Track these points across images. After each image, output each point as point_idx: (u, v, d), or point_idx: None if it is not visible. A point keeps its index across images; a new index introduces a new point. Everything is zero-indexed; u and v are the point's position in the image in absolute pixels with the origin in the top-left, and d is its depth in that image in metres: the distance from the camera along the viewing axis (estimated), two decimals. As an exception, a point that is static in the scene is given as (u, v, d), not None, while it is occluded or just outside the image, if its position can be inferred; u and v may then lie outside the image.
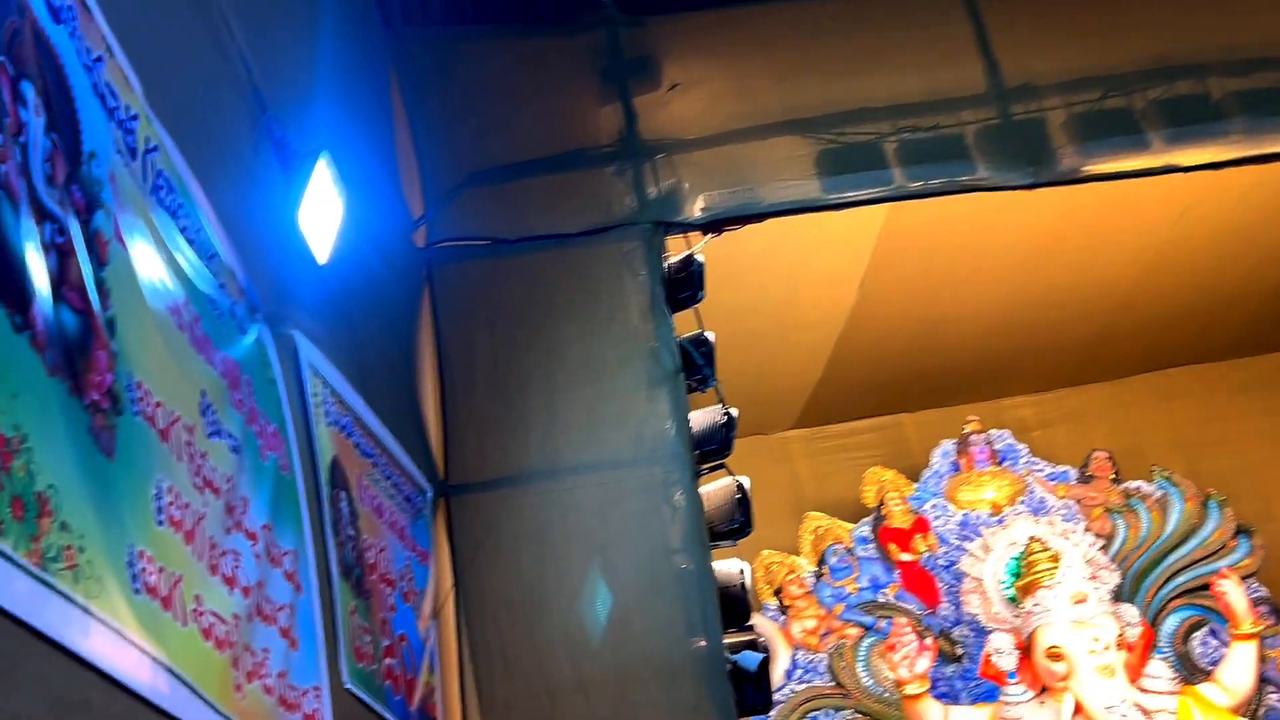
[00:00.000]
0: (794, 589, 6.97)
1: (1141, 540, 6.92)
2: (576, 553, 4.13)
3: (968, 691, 6.64)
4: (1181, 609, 6.78)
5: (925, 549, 6.99)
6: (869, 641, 6.84)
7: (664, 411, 4.20)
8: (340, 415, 3.37)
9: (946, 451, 7.23)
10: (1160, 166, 4.32)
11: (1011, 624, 6.24)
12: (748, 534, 4.22)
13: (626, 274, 4.32)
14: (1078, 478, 7.11)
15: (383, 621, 3.29)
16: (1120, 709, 5.68)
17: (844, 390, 7.44)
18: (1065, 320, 7.13)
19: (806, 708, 6.76)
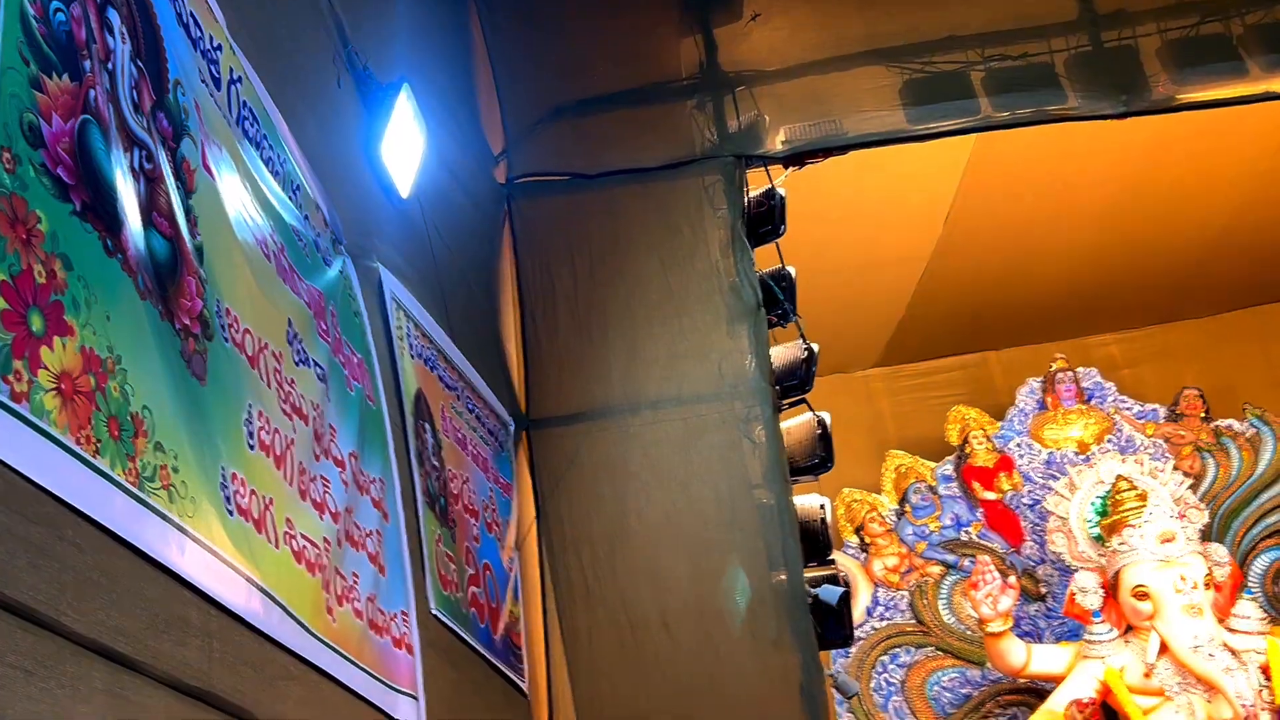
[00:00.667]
0: (875, 527, 6.94)
1: (1232, 479, 6.76)
2: (657, 487, 4.14)
3: (1051, 630, 6.58)
4: (1272, 549, 6.63)
5: (1009, 487, 6.90)
6: (951, 579, 6.80)
7: (744, 347, 4.17)
8: (424, 348, 3.39)
9: (1032, 389, 7.11)
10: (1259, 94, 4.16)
11: (1097, 563, 6.16)
12: (828, 469, 4.19)
13: (707, 208, 4.28)
14: (1167, 416, 6.96)
15: (467, 551, 3.33)
16: (1207, 648, 5.59)
17: (927, 328, 7.34)
18: (1156, 256, 6.94)
19: (887, 644, 6.75)
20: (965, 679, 6.61)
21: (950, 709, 6.58)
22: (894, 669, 6.69)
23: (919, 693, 6.62)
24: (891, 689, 6.66)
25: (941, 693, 6.61)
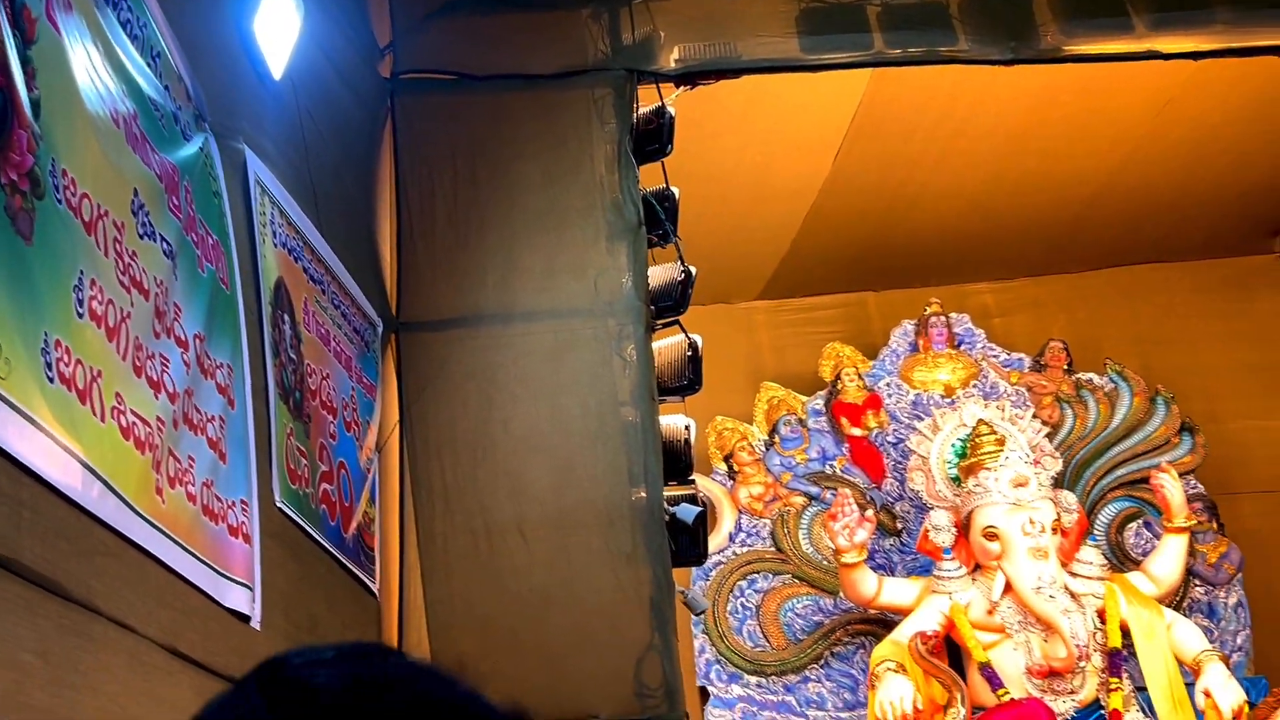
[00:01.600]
0: (744, 455, 6.99)
1: (1088, 430, 6.95)
2: (525, 397, 4.08)
3: (903, 565, 6.73)
4: (1119, 500, 6.85)
5: (876, 425, 7.00)
6: (812, 510, 6.89)
7: (623, 264, 4.12)
8: (288, 237, 3.27)
9: (906, 331, 7.21)
10: (1142, 51, 4.20)
11: (952, 502, 6.29)
12: (696, 391, 4.18)
13: (595, 121, 4.19)
14: (1031, 366, 7.12)
15: (321, 447, 3.24)
16: (1049, 590, 5.76)
17: (810, 264, 7.37)
18: (1035, 209, 7.04)
19: (746, 570, 6.84)
20: (818, 607, 6.74)
21: (802, 635, 6.71)
22: (751, 594, 6.79)
23: (773, 618, 6.73)
24: (747, 613, 6.76)
25: (795, 619, 6.72)
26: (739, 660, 6.67)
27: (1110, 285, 7.47)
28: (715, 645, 6.70)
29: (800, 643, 6.69)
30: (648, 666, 3.81)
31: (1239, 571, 6.66)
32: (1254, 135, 6.34)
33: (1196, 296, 7.39)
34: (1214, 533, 6.70)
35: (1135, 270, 7.49)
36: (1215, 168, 6.68)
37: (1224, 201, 7.01)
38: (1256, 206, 7.15)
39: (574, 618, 3.85)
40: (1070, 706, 5.80)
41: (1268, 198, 7.05)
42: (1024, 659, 5.89)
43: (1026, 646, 5.90)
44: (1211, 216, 7.18)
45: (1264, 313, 7.36)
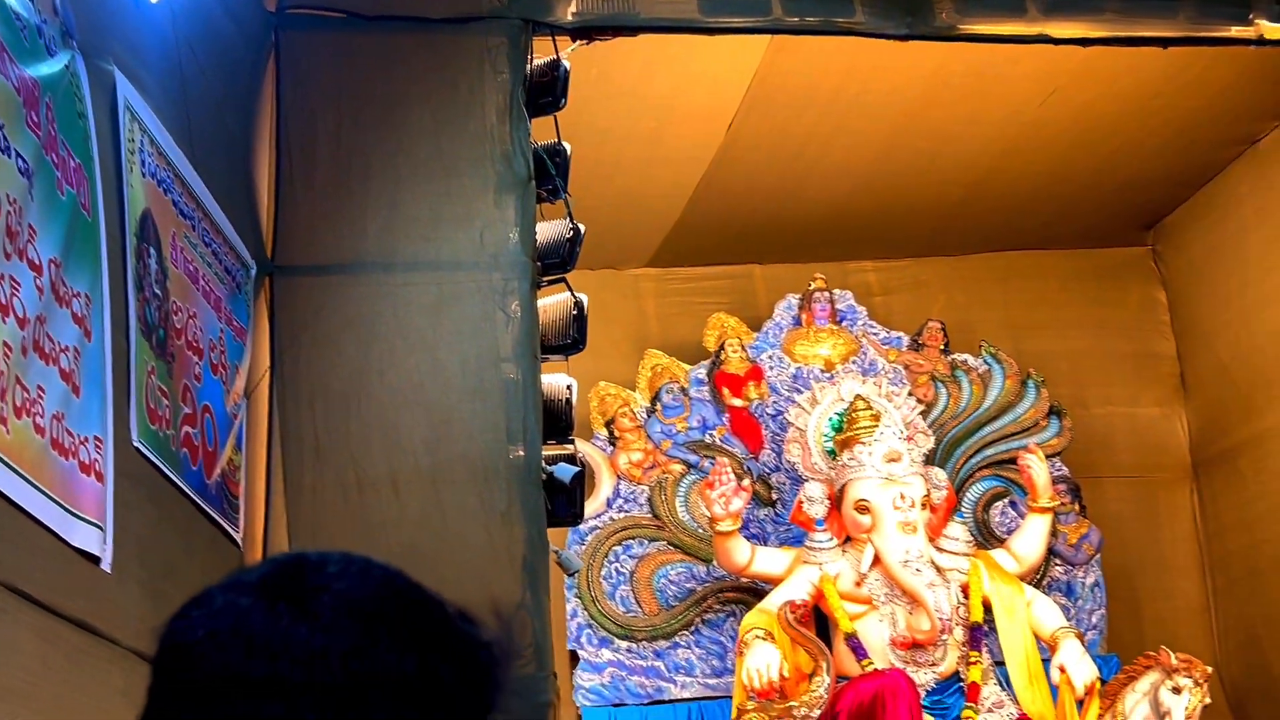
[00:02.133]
0: (625, 421, 6.96)
1: (960, 410, 7.08)
2: (403, 349, 3.97)
3: (776, 535, 6.78)
4: (987, 479, 7.00)
5: (756, 396, 7.03)
6: (690, 479, 6.90)
7: (510, 218, 4.02)
8: (158, 168, 3.11)
9: (790, 305, 7.24)
10: (1034, 34, 4.24)
11: (826, 475, 6.36)
12: (579, 350, 4.12)
13: (488, 70, 4.07)
14: (909, 345, 7.21)
15: (185, 388, 3.10)
16: (916, 564, 5.86)
17: (699, 234, 7.34)
18: (921, 190, 7.12)
19: (622, 536, 6.82)
20: (691, 574, 6.75)
21: (674, 601, 6.72)
22: (625, 559, 6.77)
23: (646, 584, 6.73)
24: (621, 578, 6.74)
25: (668, 585, 6.73)
26: (610, 625, 6.66)
27: (988, 269, 7.60)
28: (587, 609, 6.67)
29: (672, 609, 6.70)
30: (518, 625, 3.75)
31: (1098, 552, 6.87)
32: (1134, 128, 6.49)
33: (1070, 284, 7.57)
34: (1076, 514, 6.89)
35: (1012, 256, 7.63)
36: (1095, 159, 6.83)
37: (1101, 193, 7.17)
38: (1132, 199, 7.34)
39: (445, 574, 3.74)
40: (931, 678, 5.92)
41: (1143, 191, 7.24)
42: (889, 630, 5.98)
43: (892, 618, 6.00)
44: (1088, 207, 7.34)
45: (1134, 303, 7.57)
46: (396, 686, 0.85)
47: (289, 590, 0.87)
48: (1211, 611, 7.11)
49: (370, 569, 0.91)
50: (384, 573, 0.92)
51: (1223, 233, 6.97)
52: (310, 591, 0.87)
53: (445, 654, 0.89)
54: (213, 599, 0.89)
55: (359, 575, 0.90)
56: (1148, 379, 7.47)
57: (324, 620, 0.85)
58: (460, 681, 0.89)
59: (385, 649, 0.86)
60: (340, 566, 0.90)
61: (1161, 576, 7.25)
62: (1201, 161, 6.92)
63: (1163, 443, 7.42)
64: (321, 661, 0.84)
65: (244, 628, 0.85)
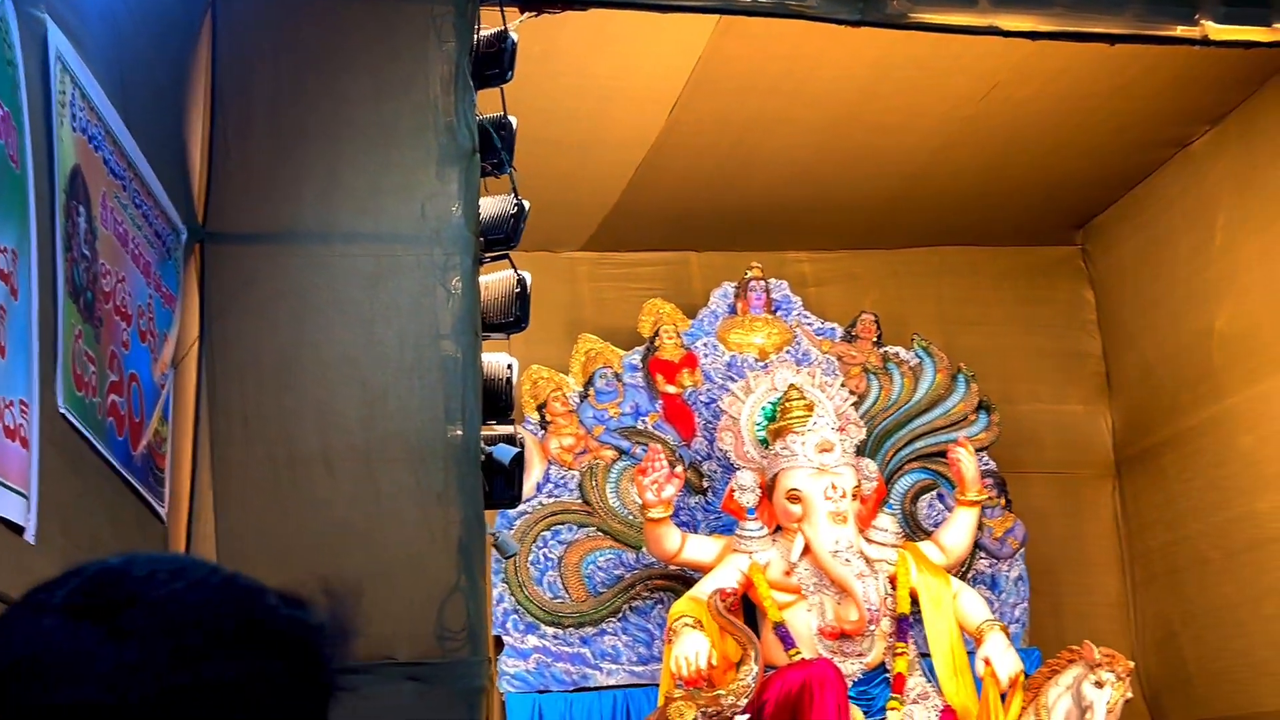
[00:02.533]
0: (557, 406, 6.88)
1: (891, 402, 7.10)
2: (340, 323, 3.85)
3: (707, 523, 6.75)
4: (916, 471, 7.03)
5: (690, 384, 6.99)
6: (622, 465, 6.84)
7: (453, 191, 3.90)
8: (89, 123, 2.96)
9: (725, 293, 7.21)
10: (984, 26, 4.24)
11: (758, 464, 6.34)
12: (522, 329, 4.03)
13: (433, 38, 3.95)
14: (843, 336, 7.22)
15: (112, 355, 2.96)
16: (845, 554, 5.86)
17: (637, 219, 7.28)
18: (858, 182, 7.12)
19: (552, 521, 6.74)
20: (620, 561, 6.70)
21: (602, 588, 6.66)
22: (554, 545, 6.70)
23: (575, 570, 6.66)
24: (549, 564, 6.66)
25: (596, 571, 6.67)
26: (537, 611, 6.58)
27: (921, 264, 7.64)
28: (514, 595, 6.59)
29: (600, 595, 6.64)
30: (452, 609, 3.66)
31: (1022, 546, 6.94)
32: (1069, 128, 6.55)
33: (1001, 281, 7.64)
34: (1001, 508, 6.95)
35: (945, 251, 7.68)
36: (1030, 157, 6.88)
37: (1035, 191, 7.24)
38: (1064, 199, 7.42)
39: (377, 556, 3.66)
40: (858, 668, 5.93)
41: (1075, 191, 7.32)
42: (817, 620, 5.98)
43: (820, 608, 6.00)
44: (1021, 205, 7.41)
45: (1062, 302, 7.66)
46: (220, 695, 0.80)
47: (94, 606, 0.80)
48: (1130, 607, 7.23)
49: (182, 571, 0.85)
50: (198, 573, 0.85)
51: (1152, 234, 7.07)
52: (118, 605, 0.80)
53: (271, 650, 0.83)
54: (10, 624, 0.81)
55: (169, 580, 0.83)
56: (1074, 377, 7.57)
57: (134, 635, 0.79)
58: (292, 673, 0.84)
59: (203, 657, 0.80)
60: (147, 572, 0.84)
61: (1083, 572, 7.35)
62: (1134, 163, 7.01)
63: (1087, 440, 7.52)
64: (133, 680, 0.78)
65: (47, 653, 0.78)
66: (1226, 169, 6.39)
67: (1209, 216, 6.51)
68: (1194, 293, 6.67)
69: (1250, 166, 6.23)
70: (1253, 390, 6.25)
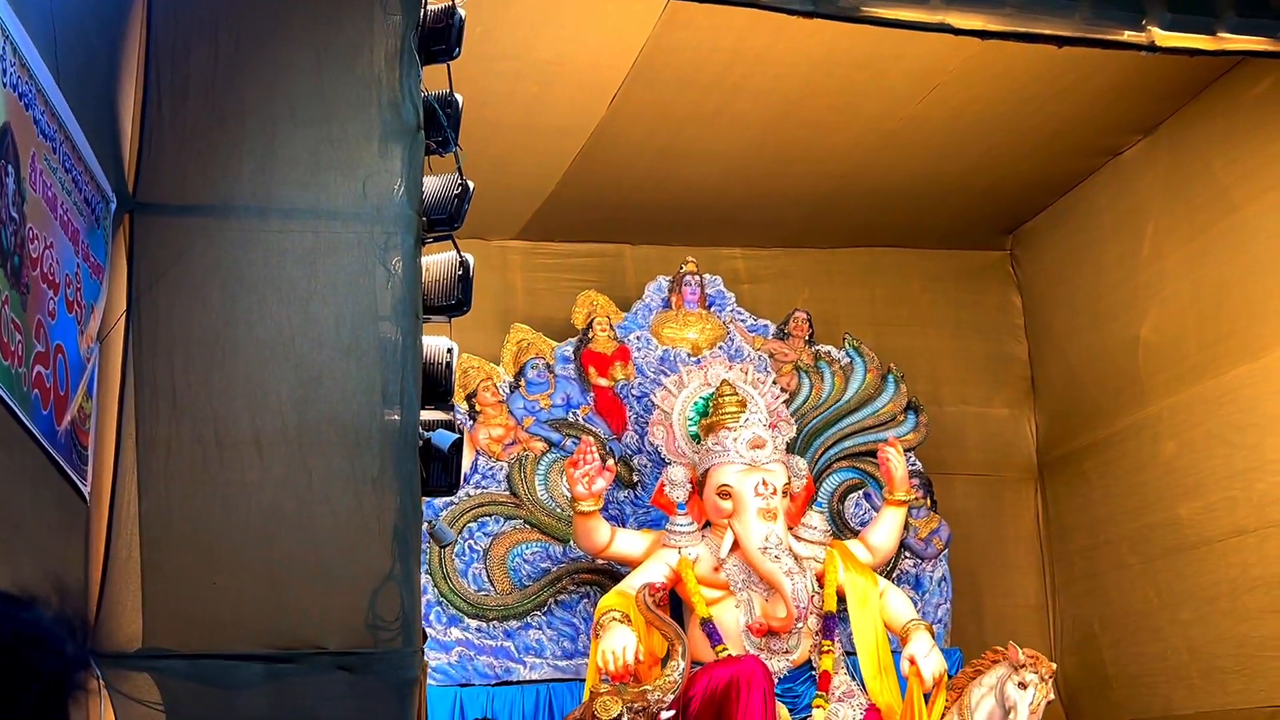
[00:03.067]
0: (487, 396, 6.77)
1: (822, 401, 7.11)
2: (274, 300, 3.70)
3: (636, 518, 6.69)
4: (843, 470, 7.04)
5: (622, 377, 6.93)
6: (551, 457, 6.75)
7: (395, 168, 3.78)
8: (20, 80, 2.80)
9: (660, 287, 7.16)
10: (935, 23, 4.23)
11: (690, 459, 6.29)
12: (464, 312, 3.91)
13: (378, 10, 3.82)
14: (775, 333, 7.21)
15: (39, 324, 2.81)
16: (774, 550, 5.84)
17: (573, 209, 7.20)
18: (794, 180, 7.12)
19: (478, 512, 6.63)
20: (547, 554, 6.61)
21: (528, 581, 6.57)
22: (480, 537, 6.59)
23: (500, 562, 6.56)
24: (475, 556, 6.56)
25: (522, 564, 6.58)
26: (461, 603, 6.47)
27: (853, 264, 7.67)
28: (438, 586, 6.47)
29: (525, 589, 6.55)
30: (385, 598, 3.54)
31: (946, 547, 6.99)
32: (1005, 132, 6.61)
33: (931, 283, 7.69)
34: (927, 509, 6.99)
35: (878, 252, 7.72)
36: (964, 160, 6.93)
37: (967, 195, 7.30)
38: (995, 204, 7.49)
39: (309, 542, 3.53)
40: (784, 666, 5.91)
41: (1007, 196, 7.39)
42: (744, 617, 5.96)
43: (748, 605, 5.98)
44: (953, 208, 7.47)
45: (990, 306, 7.74)
46: None
47: None
48: (1049, 610, 7.32)
49: None
50: None
51: (1080, 241, 7.17)
52: None
53: None
54: None
55: None
56: (1001, 380, 7.65)
57: None
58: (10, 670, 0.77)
59: None
60: None
61: (1004, 574, 7.44)
62: (1065, 170, 7.10)
63: (1011, 443, 7.61)
64: None
65: None
66: (1156, 179, 6.49)
67: (1138, 225, 6.62)
68: (1120, 300, 6.78)
69: (1180, 177, 6.34)
70: (1175, 398, 6.36)
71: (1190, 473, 6.23)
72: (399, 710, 3.50)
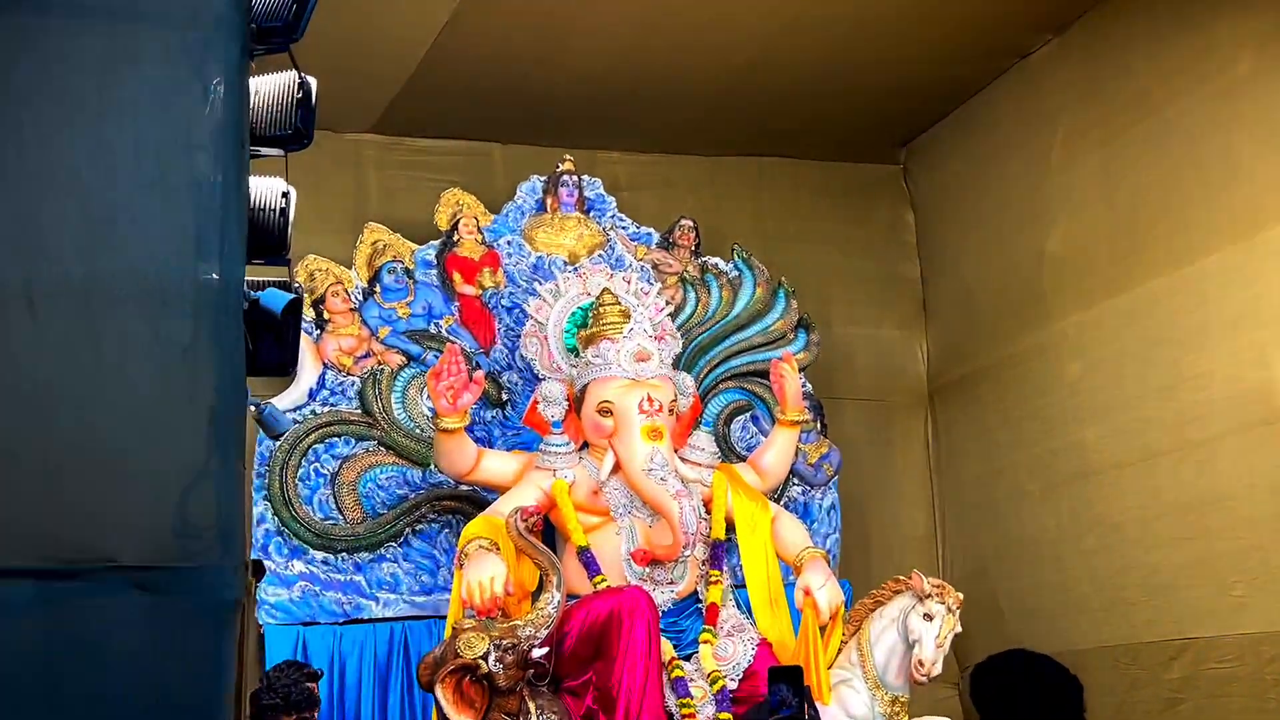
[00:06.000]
0: (337, 302, 5.90)
1: (708, 316, 6.44)
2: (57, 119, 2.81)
3: (505, 440, 5.92)
4: (730, 391, 6.40)
5: (491, 285, 6.13)
6: (410, 372, 5.93)
7: (217, -37, 2.93)
8: None
9: (534, 187, 6.36)
10: None
11: (567, 374, 5.56)
12: (303, 146, 3.08)
13: None
14: (660, 242, 6.50)
15: None
16: (660, 472, 5.15)
17: (434, 100, 6.34)
18: (677, 82, 6.40)
19: (325, 432, 5.77)
20: (405, 479, 5.80)
21: (382, 509, 5.75)
22: (327, 459, 5.74)
23: (351, 488, 5.72)
24: (320, 480, 5.70)
25: (375, 490, 5.75)
26: (305, 533, 5.62)
27: (741, 173, 7.02)
28: (278, 514, 5.60)
29: (379, 517, 5.73)
30: (197, 499, 2.73)
31: (836, 474, 6.41)
32: (899, 34, 5.97)
33: (822, 197, 7.09)
34: (817, 433, 6.40)
35: (765, 162, 7.07)
36: (857, 64, 6.31)
37: (859, 101, 6.68)
38: (889, 112, 6.90)
39: (97, 425, 2.68)
40: (668, 598, 5.23)
41: (901, 104, 6.80)
42: (626, 544, 5.26)
43: (629, 531, 5.28)
44: (845, 117, 6.85)
45: (882, 223, 7.18)
46: None
47: None
48: (938, 540, 6.83)
49: None
50: None
51: (980, 151, 6.62)
52: None
53: None
54: None
55: None
56: (891, 300, 7.11)
57: None
58: None
59: None
60: None
61: (891, 503, 6.92)
62: (966, 74, 6.52)
63: (901, 367, 7.08)
64: None
65: None
66: (1068, 80, 5.95)
67: (1046, 131, 6.08)
68: (1024, 213, 6.26)
69: (1094, 79, 5.81)
70: (1084, 315, 5.87)
71: (1098, 393, 5.75)
72: (212, 641, 2.69)
